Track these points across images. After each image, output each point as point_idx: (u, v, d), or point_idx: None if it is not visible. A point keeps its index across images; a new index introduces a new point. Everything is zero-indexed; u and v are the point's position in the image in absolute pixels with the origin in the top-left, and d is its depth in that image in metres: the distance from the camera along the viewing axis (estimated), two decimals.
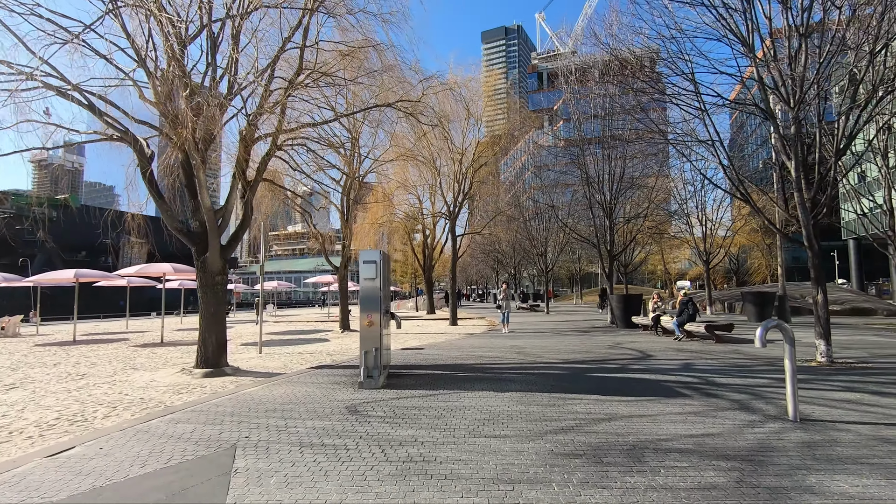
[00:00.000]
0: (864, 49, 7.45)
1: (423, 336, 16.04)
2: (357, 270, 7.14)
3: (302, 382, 7.47)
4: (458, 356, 10.22)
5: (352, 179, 19.05)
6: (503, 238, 35.24)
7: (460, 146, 22.31)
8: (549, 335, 14.93)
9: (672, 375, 7.37)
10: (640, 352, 10.32)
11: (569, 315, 26.83)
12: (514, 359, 9.67)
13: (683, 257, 59.65)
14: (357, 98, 16.95)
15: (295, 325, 24.51)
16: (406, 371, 8.30)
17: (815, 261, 8.49)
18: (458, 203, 23.12)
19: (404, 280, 57.33)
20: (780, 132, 8.13)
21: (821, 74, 7.88)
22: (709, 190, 24.61)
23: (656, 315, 13.86)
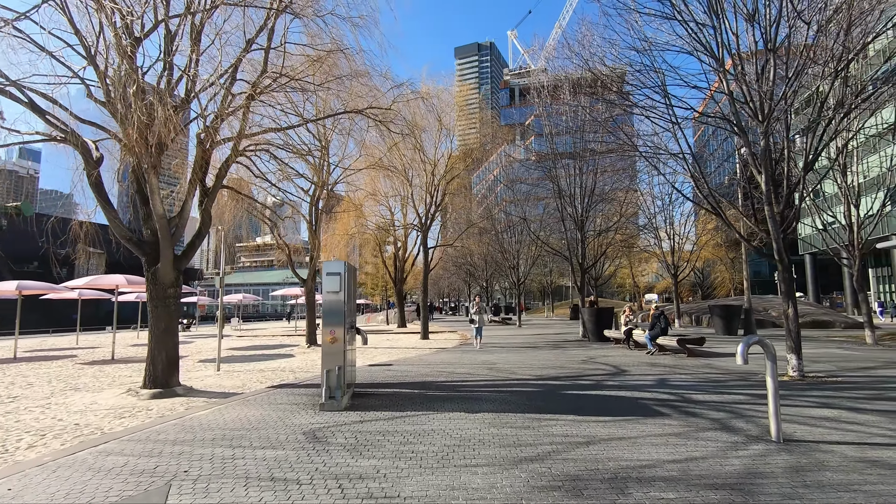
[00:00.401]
0: (829, 67, 7.56)
1: (393, 351, 15.52)
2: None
3: (258, 404, 6.91)
4: (428, 373, 9.79)
5: (320, 189, 18.51)
6: (475, 251, 35.09)
7: (432, 157, 22.10)
8: (521, 349, 14.66)
9: (648, 392, 7.15)
10: (613, 367, 10.13)
11: (541, 328, 26.73)
12: (487, 375, 9.31)
13: (651, 271, 60.97)
14: (326, 105, 16.53)
15: (259, 340, 23.55)
16: (372, 390, 7.83)
17: (785, 274, 8.51)
18: (430, 215, 22.81)
19: (375, 293, 56.50)
20: (751, 146, 8.16)
21: (787, 90, 7.96)
22: (677, 204, 25.12)
23: (628, 329, 13.79)
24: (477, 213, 34.29)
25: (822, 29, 7.32)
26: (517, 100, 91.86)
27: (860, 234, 14.14)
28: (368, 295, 61.36)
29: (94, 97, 8.54)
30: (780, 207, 8.28)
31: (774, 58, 7.78)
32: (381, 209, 29.63)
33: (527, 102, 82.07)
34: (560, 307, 56.61)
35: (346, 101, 10.93)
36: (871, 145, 12.32)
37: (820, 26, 7.32)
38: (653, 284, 62.50)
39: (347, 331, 6.78)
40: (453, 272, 47.43)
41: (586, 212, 18.70)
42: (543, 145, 21.78)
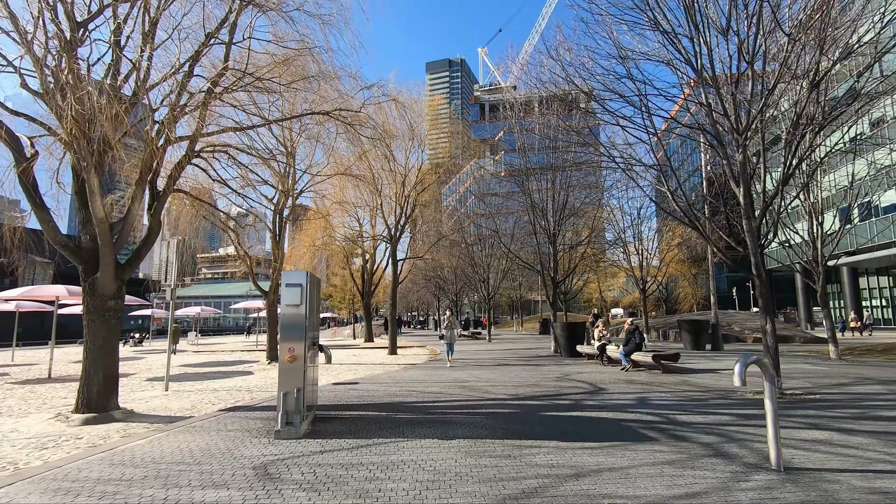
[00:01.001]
0: (804, 80, 7.55)
1: (359, 367, 14.77)
2: None
3: (206, 430, 6.15)
4: (397, 392, 9.17)
5: (285, 196, 17.71)
6: (445, 264, 34.64)
7: (403, 167, 21.62)
8: (494, 366, 14.19)
9: (631, 413, 6.77)
10: (590, 384, 9.77)
11: (511, 343, 26.39)
12: (460, 395, 8.77)
13: (617, 286, 62.05)
14: (293, 108, 15.89)
15: (218, 356, 22.27)
16: (336, 413, 7.16)
17: (763, 289, 8.38)
18: (400, 226, 22.24)
19: (342, 306, 55.13)
20: (729, 159, 8.06)
21: (763, 105, 7.92)
22: (645, 219, 25.43)
23: (602, 344, 13.54)
24: (448, 225, 33.96)
25: (797, 41, 7.30)
26: (487, 115, 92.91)
27: (823, 251, 14.43)
28: (335, 308, 59.91)
29: (29, 88, 7.70)
30: (757, 222, 8.17)
31: (752, 70, 7.72)
32: (350, 220, 28.86)
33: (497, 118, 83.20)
34: (529, 321, 56.67)
35: (313, 102, 10.35)
36: (833, 163, 12.60)
37: (795, 40, 7.30)
38: (619, 299, 63.54)
39: (309, 348, 6.14)
40: (423, 285, 46.77)
41: (558, 225, 18.57)
42: (515, 157, 21.66)
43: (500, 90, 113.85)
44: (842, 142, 9.89)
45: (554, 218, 18.54)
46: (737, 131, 7.89)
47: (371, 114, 11.16)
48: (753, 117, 7.65)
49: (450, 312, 15.45)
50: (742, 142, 7.83)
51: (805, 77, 7.37)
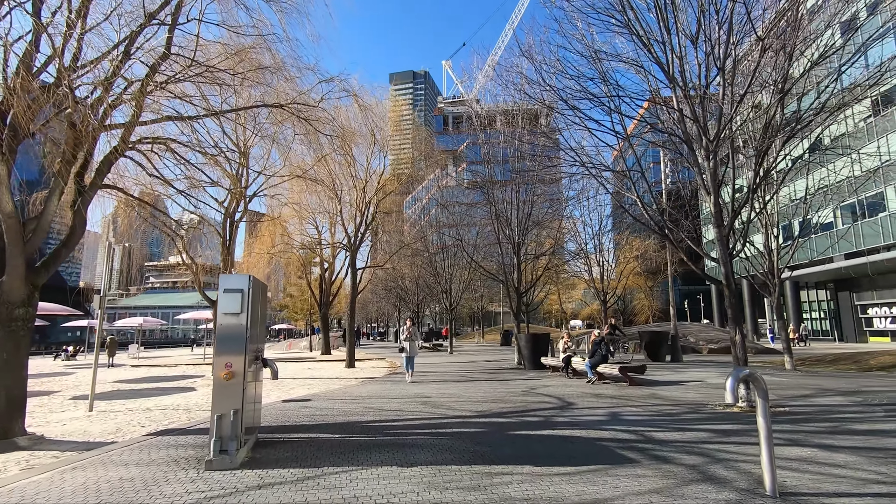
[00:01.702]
0: (775, 87, 7.51)
1: (314, 382, 13.84)
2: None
3: (125, 461, 5.24)
4: (353, 410, 8.41)
5: (237, 199, 16.63)
6: (407, 273, 33.92)
7: (364, 173, 20.91)
8: (456, 379, 13.59)
9: (605, 431, 6.34)
10: (558, 399, 9.33)
11: (474, 355, 25.88)
12: (421, 412, 8.12)
13: (576, 298, 62.97)
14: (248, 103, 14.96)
15: (159, 370, 20.64)
16: (282, 436, 6.36)
17: (733, 299, 8.23)
18: (361, 233, 21.45)
19: (299, 317, 53.17)
20: (700, 167, 7.91)
21: (732, 112, 7.84)
22: (605, 230, 25.67)
23: (567, 356, 13.21)
24: (410, 235, 33.33)
25: (768, 48, 7.25)
26: (451, 127, 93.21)
27: (779, 262, 14.74)
28: (292, 319, 57.78)
29: None
30: (726, 230, 8.04)
31: (723, 76, 7.62)
32: (308, 227, 27.74)
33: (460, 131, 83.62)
34: (490, 333, 56.46)
35: (266, 94, 9.57)
36: (789, 177, 12.91)
37: (766, 48, 7.24)
38: (578, 311, 64.46)
39: (251, 363, 5.37)
40: (383, 296, 45.75)
41: (523, 235, 18.31)
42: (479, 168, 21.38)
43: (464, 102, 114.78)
44: (804, 151, 9.97)
45: (518, 227, 18.28)
46: (707, 138, 7.76)
47: (331, 113, 10.46)
48: (725, 124, 7.53)
49: (410, 322, 13.60)
50: (713, 149, 7.70)
51: (775, 84, 7.32)
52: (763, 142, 7.55)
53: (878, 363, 14.84)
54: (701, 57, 8.13)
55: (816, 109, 7.41)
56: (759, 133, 7.66)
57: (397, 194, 32.08)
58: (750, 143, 7.75)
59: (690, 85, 7.78)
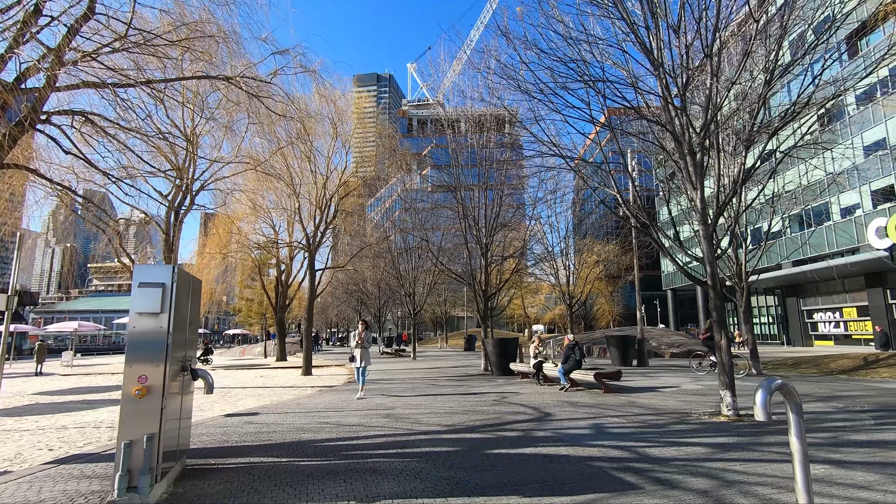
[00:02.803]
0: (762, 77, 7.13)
1: (265, 392, 12.63)
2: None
3: (7, 502, 4.10)
4: (307, 425, 7.40)
5: (184, 192, 15.17)
6: (369, 276, 32.72)
7: (325, 168, 19.75)
8: (422, 387, 12.71)
9: (593, 447, 5.64)
10: (533, 408, 8.63)
11: (438, 360, 25.02)
12: (384, 427, 7.21)
13: (539, 302, 63.32)
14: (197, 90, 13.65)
15: (92, 380, 18.73)
16: (217, 462, 5.31)
17: (718, 301, 7.78)
18: (320, 233, 20.26)
19: (254, 321, 50.79)
20: (686, 160, 7.43)
21: (716, 104, 7.41)
22: (570, 234, 25.47)
23: (539, 361, 12.59)
24: (373, 237, 32.20)
25: (759, 34, 6.86)
26: (415, 129, 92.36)
27: (746, 267, 14.69)
28: (245, 324, 55.20)
29: None
30: (712, 227, 7.58)
31: (711, 64, 7.18)
32: (265, 227, 26.18)
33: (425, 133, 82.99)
34: (453, 337, 55.81)
35: (213, 69, 8.45)
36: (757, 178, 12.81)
37: (756, 19, 6.82)
38: (541, 316, 64.78)
39: (175, 375, 4.35)
40: (343, 300, 44.24)
41: (490, 236, 17.67)
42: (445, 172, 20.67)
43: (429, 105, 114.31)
44: (796, 142, 9.63)
45: (486, 228, 17.63)
46: (693, 128, 7.30)
47: (285, 91, 9.43)
48: (713, 113, 7.08)
49: (362, 326, 11.12)
50: (700, 140, 7.24)
51: (764, 71, 6.94)
52: (751, 132, 7.14)
53: (837, 366, 15.02)
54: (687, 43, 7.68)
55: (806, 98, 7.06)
56: (747, 122, 7.23)
57: (360, 194, 30.93)
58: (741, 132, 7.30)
59: (678, 72, 7.30)
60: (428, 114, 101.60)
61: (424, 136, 75.99)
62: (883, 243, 27.13)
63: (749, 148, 7.32)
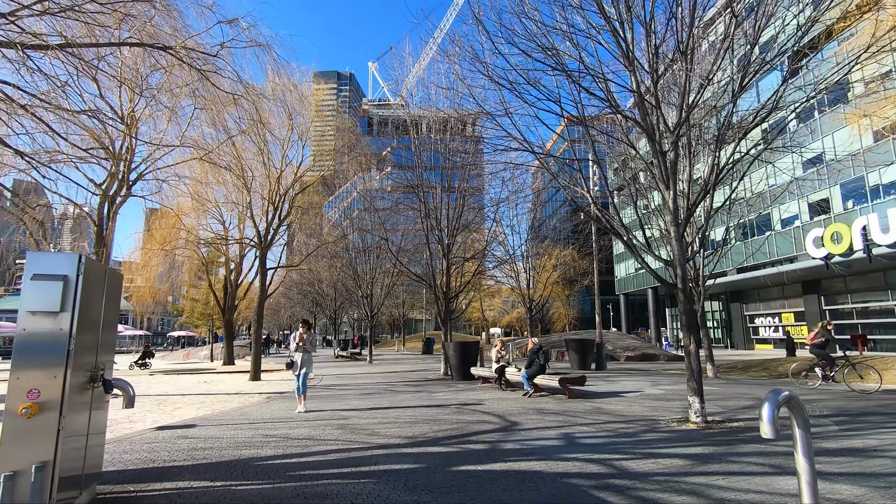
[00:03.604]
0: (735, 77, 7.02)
1: (207, 400, 11.59)
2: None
3: None
4: (250, 439, 6.62)
5: (119, 181, 13.82)
6: (325, 277, 31.55)
7: (280, 162, 18.71)
8: (379, 393, 12.03)
9: (567, 461, 5.23)
10: (499, 417, 8.18)
11: (395, 364, 24.30)
12: (338, 440, 6.54)
13: (497, 306, 63.58)
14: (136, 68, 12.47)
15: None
16: (137, 488, 4.50)
17: (688, 305, 7.61)
18: (273, 230, 19.16)
19: (200, 323, 48.08)
20: (659, 158, 7.22)
21: (691, 104, 7.26)
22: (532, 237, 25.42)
23: (501, 366, 12.21)
24: (331, 235, 31.07)
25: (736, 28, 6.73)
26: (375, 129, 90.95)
27: (703, 271, 14.91)
28: (191, 325, 52.27)
29: None
30: (683, 227, 7.41)
31: (687, 62, 7.00)
32: (213, 223, 24.64)
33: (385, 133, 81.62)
34: (411, 340, 55.07)
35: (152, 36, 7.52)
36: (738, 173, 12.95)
37: (736, 14, 6.69)
38: (498, 319, 65.08)
39: (81, 388, 3.57)
40: (297, 301, 42.64)
41: (453, 237, 17.21)
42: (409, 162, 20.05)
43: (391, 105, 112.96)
44: (767, 143, 9.65)
45: (448, 228, 17.16)
46: (667, 126, 7.10)
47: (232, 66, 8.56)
48: (687, 112, 6.90)
49: (304, 327, 9.58)
50: (674, 139, 7.05)
51: (741, 71, 6.82)
52: (722, 130, 6.99)
53: (785, 370, 15.49)
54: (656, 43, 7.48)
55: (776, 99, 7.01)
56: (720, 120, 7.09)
57: (317, 191, 29.78)
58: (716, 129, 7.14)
59: (654, 67, 7.08)
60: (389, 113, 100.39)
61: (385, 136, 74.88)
62: (819, 252, 28.69)
63: (721, 147, 7.19)
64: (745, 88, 6.95)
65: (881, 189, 27.36)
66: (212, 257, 32.55)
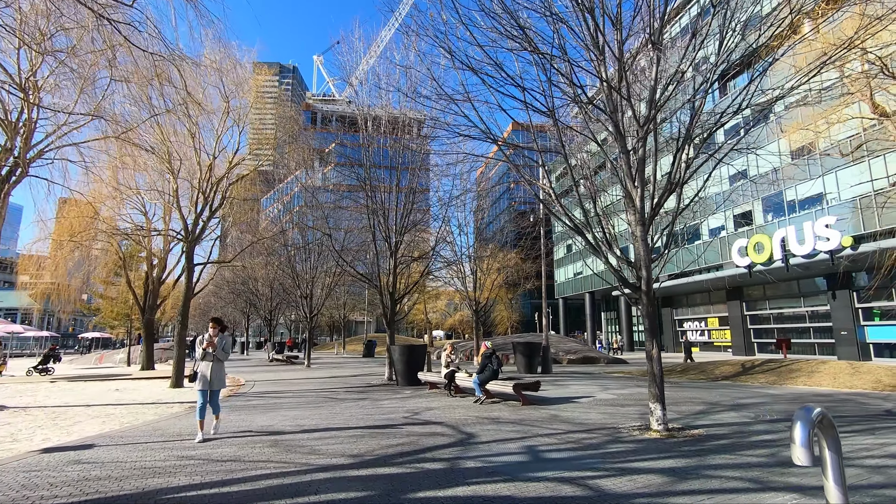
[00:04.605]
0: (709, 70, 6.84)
1: (116, 412, 10.09)
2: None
3: None
4: (160, 463, 5.53)
5: (15, 158, 11.87)
6: (260, 275, 29.58)
7: (214, 147, 17.10)
8: (318, 402, 11.01)
9: (537, 482, 4.65)
10: (452, 428, 7.52)
11: (335, 368, 23.05)
12: (271, 461, 5.60)
13: (440, 308, 63.20)
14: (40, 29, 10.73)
15: None
16: None
17: (650, 308, 7.36)
18: (203, 222, 17.48)
19: (117, 324, 43.88)
20: (629, 154, 6.91)
21: (661, 96, 7.02)
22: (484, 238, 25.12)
23: (451, 371, 11.59)
24: (269, 231, 29.15)
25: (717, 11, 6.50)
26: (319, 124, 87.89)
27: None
28: (105, 326, 47.72)
29: None
30: (647, 227, 7.13)
31: (658, 53, 6.73)
32: (135, 214, 22.23)
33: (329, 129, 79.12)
34: (351, 343, 53.42)
35: None
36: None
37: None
38: (441, 321, 64.72)
39: None
40: (230, 301, 39.93)
41: (401, 235, 16.42)
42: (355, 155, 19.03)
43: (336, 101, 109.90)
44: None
45: (396, 226, 16.36)
46: (637, 122, 6.80)
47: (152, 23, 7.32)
48: (658, 107, 6.64)
49: (215, 328, 7.34)
50: (643, 134, 6.76)
51: (716, 65, 6.63)
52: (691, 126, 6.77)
53: (721, 373, 16.06)
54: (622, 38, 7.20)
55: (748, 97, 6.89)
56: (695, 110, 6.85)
57: (255, 183, 27.87)
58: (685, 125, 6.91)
59: (626, 56, 6.77)
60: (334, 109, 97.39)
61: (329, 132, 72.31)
62: (744, 261, 30.53)
63: (690, 143, 6.99)
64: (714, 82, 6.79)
65: (797, 204, 29.56)
66: (132, 251, 29.66)
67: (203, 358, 7.19)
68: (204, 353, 7.19)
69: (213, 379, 7.13)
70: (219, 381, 7.23)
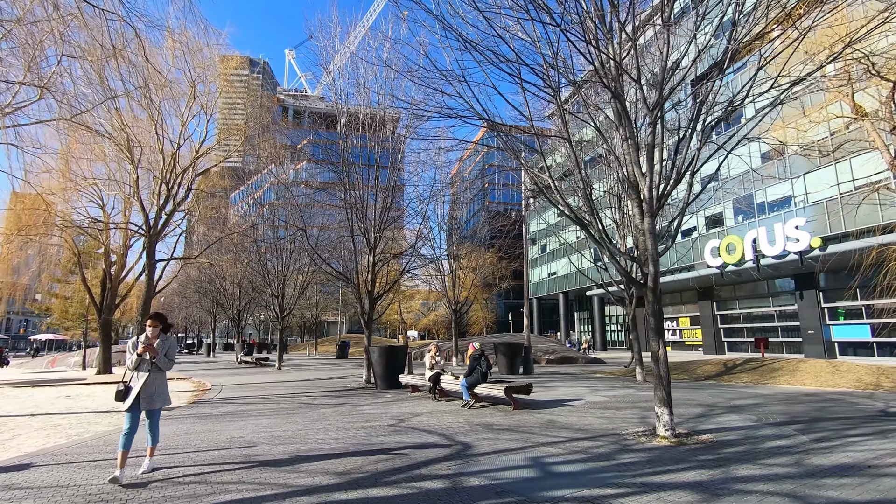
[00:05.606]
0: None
1: (64, 422, 9.03)
2: None
3: None
4: (107, 491, 4.70)
5: None
6: (228, 273, 28.21)
7: (178, 135, 15.98)
8: (293, 409, 10.18)
9: (555, 501, 4.07)
10: (444, 437, 6.88)
11: (309, 371, 22.04)
12: (241, 483, 4.84)
13: (414, 308, 62.42)
14: None
15: None
16: None
17: (657, 306, 6.91)
18: (167, 215, 16.34)
19: (72, 324, 41.40)
20: (637, 139, 6.45)
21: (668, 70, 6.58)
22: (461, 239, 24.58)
23: (436, 374, 10.95)
24: (239, 227, 27.83)
25: None
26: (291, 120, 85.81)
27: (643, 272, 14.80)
28: (57, 327, 45.02)
29: None
30: (654, 218, 6.69)
31: (668, 32, 6.29)
32: (91, 207, 20.72)
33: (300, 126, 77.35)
34: (324, 344, 52.07)
35: None
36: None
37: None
38: (416, 322, 63.92)
39: None
40: (195, 300, 38.12)
41: (380, 231, 15.67)
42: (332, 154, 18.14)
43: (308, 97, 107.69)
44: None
45: (375, 221, 15.60)
46: (646, 105, 6.34)
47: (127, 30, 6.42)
48: (673, 87, 6.20)
49: (154, 327, 5.34)
50: (654, 118, 6.31)
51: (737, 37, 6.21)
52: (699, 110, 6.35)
53: (704, 372, 15.97)
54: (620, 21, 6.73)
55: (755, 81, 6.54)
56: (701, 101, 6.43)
57: (224, 176, 26.55)
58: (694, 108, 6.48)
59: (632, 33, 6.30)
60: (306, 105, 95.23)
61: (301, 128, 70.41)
62: (716, 262, 30.96)
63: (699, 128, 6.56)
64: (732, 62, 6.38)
65: (767, 206, 30.16)
66: (88, 248, 27.88)
67: (137, 367, 5.23)
68: (139, 361, 5.22)
69: (153, 395, 5.24)
70: (161, 398, 5.35)
